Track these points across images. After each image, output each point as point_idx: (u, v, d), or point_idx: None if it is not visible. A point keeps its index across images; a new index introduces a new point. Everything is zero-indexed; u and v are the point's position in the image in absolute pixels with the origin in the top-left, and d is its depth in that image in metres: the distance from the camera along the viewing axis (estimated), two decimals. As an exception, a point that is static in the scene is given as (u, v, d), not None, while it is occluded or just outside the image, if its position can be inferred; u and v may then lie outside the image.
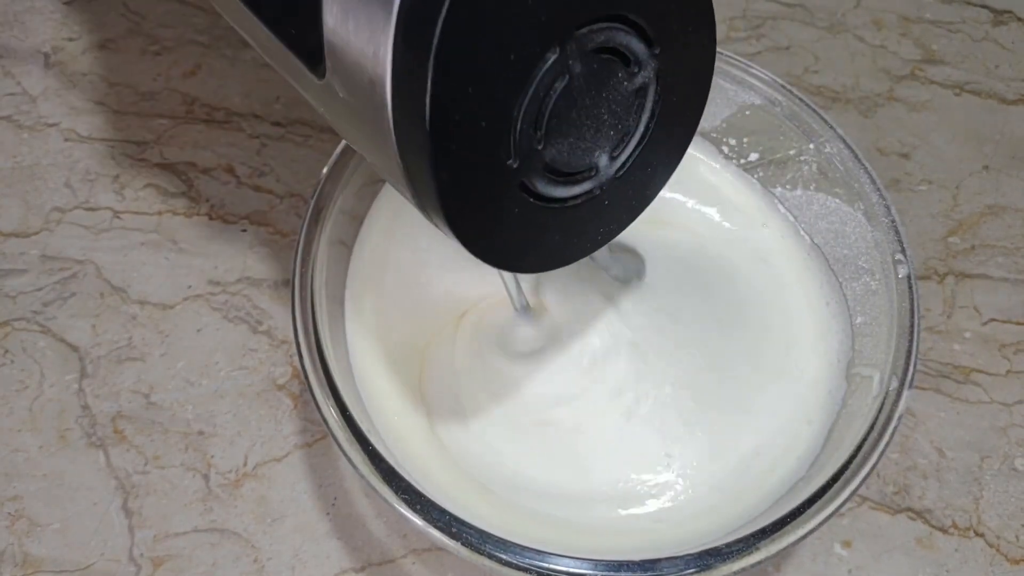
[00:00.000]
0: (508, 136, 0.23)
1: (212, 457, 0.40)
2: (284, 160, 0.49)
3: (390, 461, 0.30)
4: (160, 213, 0.47)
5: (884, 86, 0.54)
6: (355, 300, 0.38)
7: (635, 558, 0.28)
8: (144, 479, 0.39)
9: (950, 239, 0.48)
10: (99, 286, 0.45)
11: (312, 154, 0.49)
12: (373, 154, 0.25)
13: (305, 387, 0.39)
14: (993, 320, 0.45)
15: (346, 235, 0.38)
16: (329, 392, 0.32)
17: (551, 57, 0.22)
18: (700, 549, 0.29)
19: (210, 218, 0.47)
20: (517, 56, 0.22)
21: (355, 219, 0.39)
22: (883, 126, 0.52)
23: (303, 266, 0.34)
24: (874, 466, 0.31)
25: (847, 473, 0.30)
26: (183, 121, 0.50)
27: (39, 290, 0.44)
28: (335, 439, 0.31)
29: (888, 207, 0.37)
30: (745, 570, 0.29)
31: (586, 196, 0.27)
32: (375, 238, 0.39)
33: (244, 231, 0.47)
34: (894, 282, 0.35)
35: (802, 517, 0.29)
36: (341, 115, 0.25)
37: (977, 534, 0.39)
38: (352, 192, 0.37)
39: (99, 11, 0.54)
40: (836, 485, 0.30)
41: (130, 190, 0.48)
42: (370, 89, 0.22)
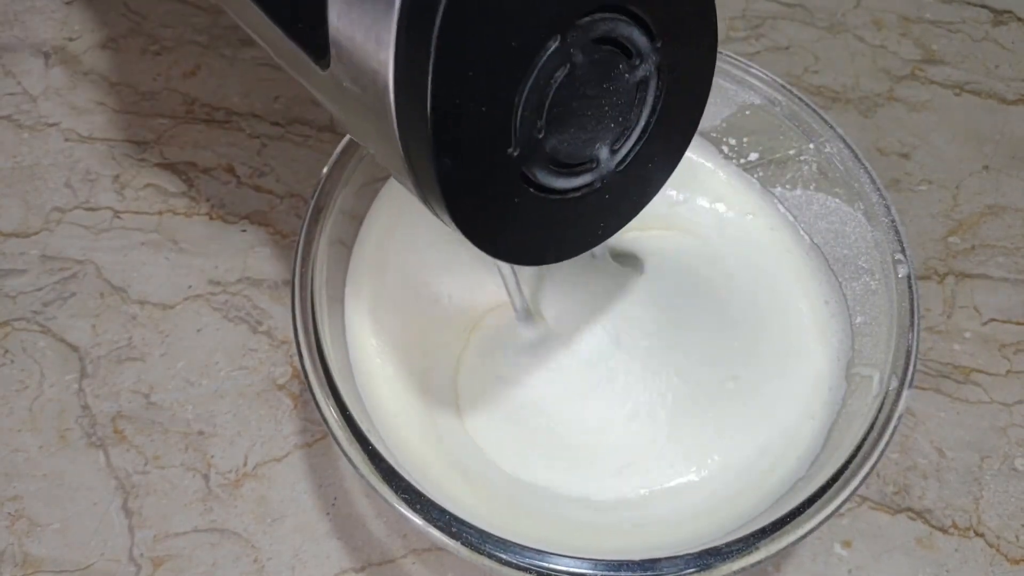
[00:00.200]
0: (509, 124, 0.23)
1: (212, 457, 0.40)
2: (284, 160, 0.49)
3: (390, 461, 0.30)
4: (160, 213, 0.47)
5: (884, 86, 0.54)
6: (355, 300, 0.38)
7: (635, 557, 0.28)
8: (144, 479, 0.39)
9: (950, 239, 0.48)
10: (99, 286, 0.45)
11: (312, 154, 0.49)
12: (376, 143, 0.25)
13: (305, 387, 0.39)
14: (993, 320, 0.45)
15: (346, 235, 0.38)
16: (329, 392, 0.32)
17: (552, 45, 0.23)
18: (700, 548, 0.29)
19: (210, 218, 0.47)
20: (518, 43, 0.22)
21: (355, 219, 0.39)
22: (883, 126, 0.52)
23: (303, 266, 0.34)
24: (874, 466, 0.31)
25: (847, 473, 0.30)
26: (183, 121, 0.50)
27: (39, 290, 0.44)
28: (335, 439, 0.31)
29: (888, 207, 0.37)
30: (745, 570, 0.29)
31: (587, 188, 0.27)
32: (375, 238, 0.39)
33: (244, 231, 0.47)
34: (894, 282, 0.35)
35: (802, 517, 0.29)
36: (345, 105, 0.25)
37: (977, 534, 0.39)
38: (352, 192, 0.37)
39: (99, 11, 0.54)
40: (836, 485, 0.30)
41: (130, 190, 0.48)
42: (373, 77, 0.22)
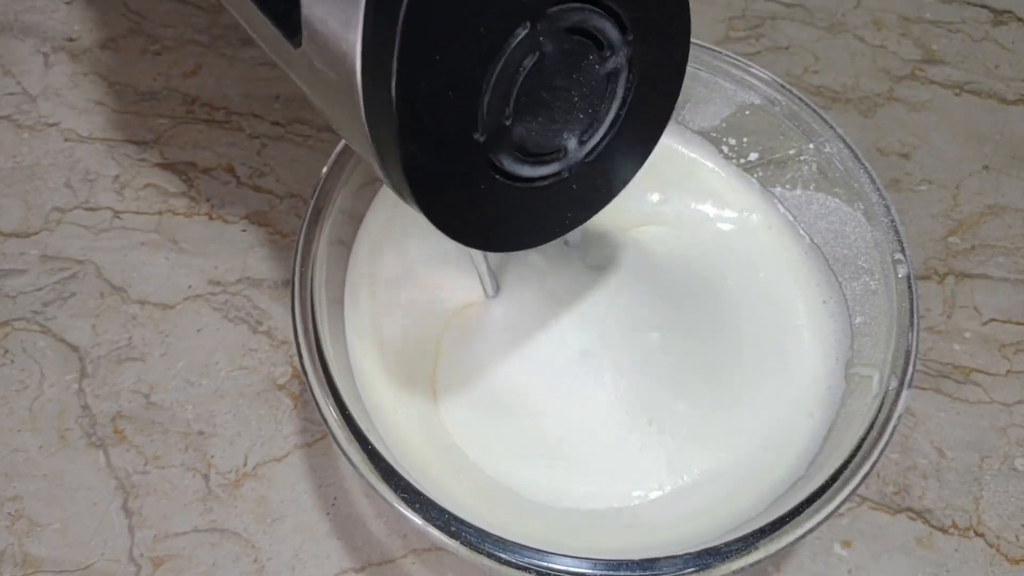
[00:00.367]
0: (476, 109, 0.23)
1: (212, 457, 0.40)
2: (284, 160, 0.49)
3: (389, 460, 0.30)
4: (160, 213, 0.47)
5: (884, 86, 0.54)
6: (354, 299, 0.38)
7: (634, 557, 0.28)
8: (144, 479, 0.39)
9: (950, 239, 0.48)
10: (99, 286, 0.45)
11: (312, 154, 0.49)
12: (344, 126, 0.25)
13: (305, 387, 0.40)
14: (993, 320, 0.45)
15: (345, 235, 0.38)
16: (328, 391, 0.32)
17: (521, 32, 0.23)
18: (699, 548, 0.29)
19: (210, 218, 0.47)
20: (487, 29, 0.22)
21: (354, 219, 0.39)
22: (883, 126, 0.52)
23: (303, 266, 0.34)
24: (873, 466, 0.31)
25: (846, 473, 0.30)
26: (183, 121, 0.50)
27: (39, 290, 0.44)
28: (334, 438, 0.31)
29: (888, 207, 0.37)
30: (744, 569, 0.29)
31: (554, 178, 0.27)
32: (373, 237, 0.39)
33: (244, 231, 0.47)
34: (893, 282, 0.35)
35: (801, 516, 0.29)
36: (316, 86, 0.25)
37: (977, 534, 0.39)
38: (351, 192, 0.37)
39: (99, 11, 0.55)
40: (835, 485, 0.30)
41: (130, 190, 0.48)
42: (342, 58, 0.22)
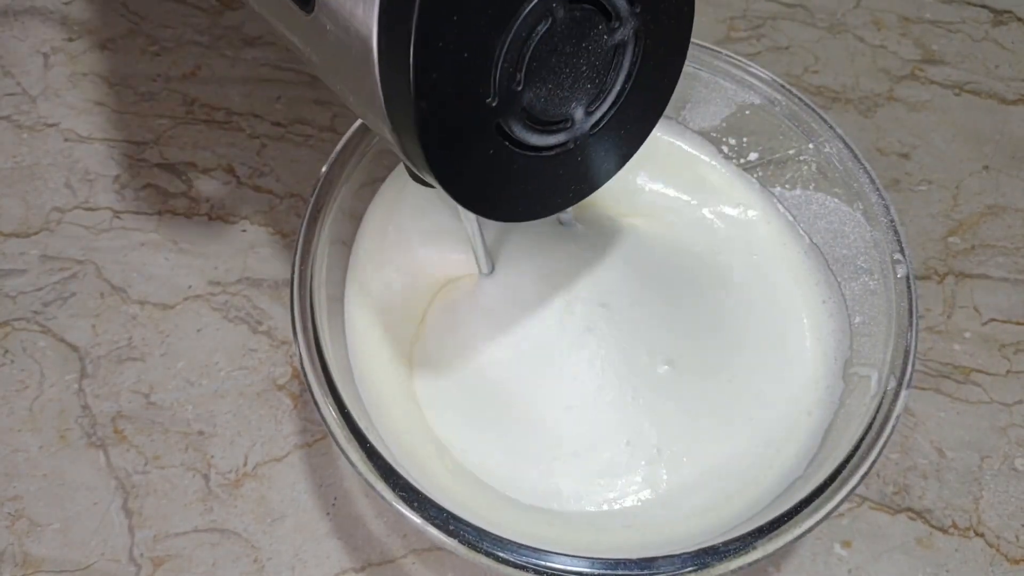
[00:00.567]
0: (489, 73, 0.23)
1: (212, 457, 0.40)
2: (284, 160, 0.49)
3: (388, 459, 0.30)
4: (160, 213, 0.47)
5: (884, 86, 0.54)
6: (354, 299, 0.38)
7: (632, 556, 0.28)
8: (144, 479, 0.39)
9: (950, 239, 0.48)
10: (99, 286, 0.45)
11: (312, 154, 0.49)
12: (355, 90, 0.25)
13: (305, 387, 0.40)
14: (993, 320, 0.45)
15: (345, 234, 0.38)
16: (328, 390, 0.32)
17: None
18: (697, 547, 0.29)
19: (210, 218, 0.47)
20: None
21: (354, 218, 0.39)
22: (883, 126, 0.52)
23: (302, 265, 0.34)
24: (872, 465, 0.31)
25: (844, 472, 0.30)
26: (183, 121, 0.50)
27: (39, 290, 0.44)
28: (333, 437, 0.31)
29: (887, 207, 0.37)
30: (742, 568, 0.29)
31: (560, 148, 0.27)
32: (373, 236, 0.39)
33: (244, 231, 0.47)
34: (893, 282, 0.35)
35: (799, 516, 0.29)
36: (326, 52, 0.25)
37: (977, 534, 0.39)
38: (351, 191, 0.37)
39: (99, 11, 0.55)
40: (834, 484, 0.30)
41: (130, 190, 0.48)
42: (358, 20, 0.22)
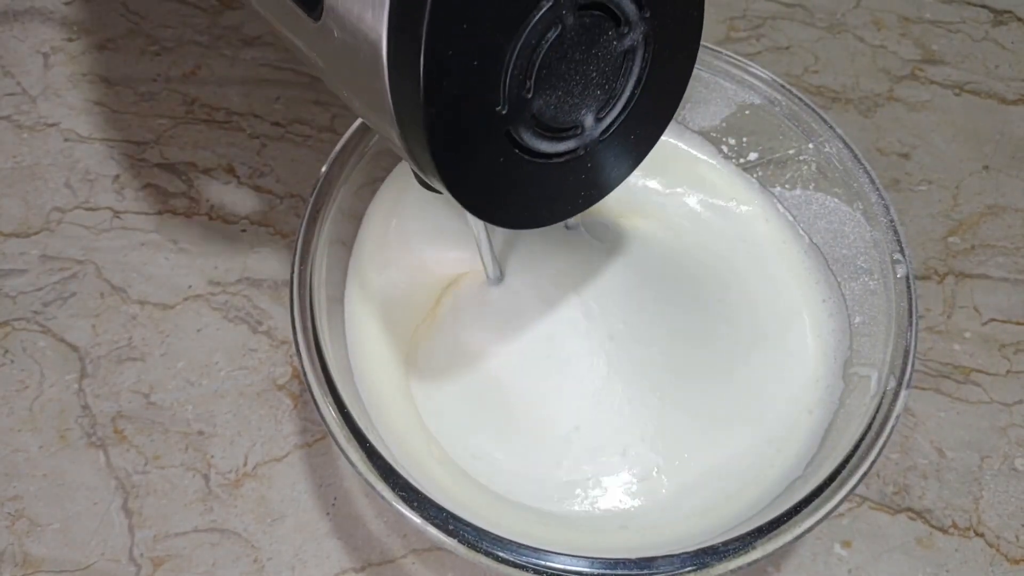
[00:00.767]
0: (499, 80, 0.23)
1: (212, 457, 0.40)
2: (284, 160, 0.49)
3: (388, 459, 0.30)
4: (160, 213, 0.47)
5: (884, 86, 0.54)
6: (354, 299, 0.38)
7: (632, 556, 0.28)
8: (144, 479, 0.39)
9: (950, 239, 0.48)
10: (99, 286, 0.45)
11: (312, 154, 0.49)
12: (363, 96, 0.25)
13: (305, 387, 0.40)
14: (993, 320, 0.45)
15: (345, 234, 0.38)
16: (327, 389, 0.32)
17: (545, 5, 0.23)
18: (697, 547, 0.29)
19: (210, 218, 0.47)
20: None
21: (354, 218, 0.39)
22: (883, 126, 0.52)
23: (302, 265, 0.34)
24: (871, 465, 0.31)
25: (844, 472, 0.30)
26: (183, 121, 0.50)
27: (39, 290, 0.44)
28: (333, 437, 0.31)
29: (887, 207, 0.37)
30: (742, 568, 0.29)
31: (570, 155, 0.27)
32: (373, 237, 0.39)
33: (244, 231, 0.47)
34: (892, 282, 0.35)
35: (799, 516, 0.29)
36: (333, 58, 0.25)
37: (977, 534, 0.39)
38: (351, 191, 0.37)
39: (99, 11, 0.55)
40: (833, 484, 0.30)
41: (130, 190, 0.48)
42: (367, 26, 0.22)
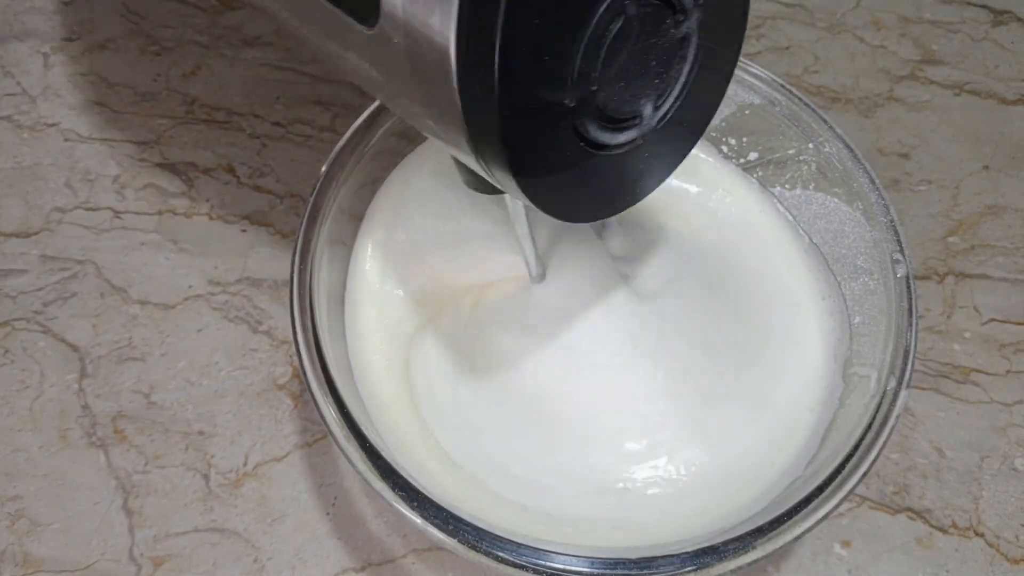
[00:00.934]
0: (568, 74, 0.24)
1: (212, 457, 0.40)
2: (284, 160, 0.49)
3: (388, 458, 0.30)
4: (160, 213, 0.47)
5: (884, 86, 0.54)
6: (354, 298, 0.38)
7: (632, 556, 0.28)
8: (144, 479, 0.39)
9: (950, 239, 0.48)
10: (99, 286, 0.45)
11: (312, 154, 0.49)
12: (424, 101, 0.25)
13: (305, 387, 0.40)
14: (993, 320, 0.45)
15: (345, 234, 0.38)
16: (327, 389, 0.32)
17: None
18: (696, 547, 0.29)
19: (210, 218, 0.47)
20: None
21: (354, 218, 0.39)
22: (883, 126, 0.52)
23: (302, 265, 0.34)
24: (871, 465, 0.31)
25: (844, 472, 0.30)
26: (183, 121, 0.50)
27: (39, 290, 0.44)
28: (333, 437, 0.31)
29: (887, 207, 0.37)
30: (742, 568, 0.29)
31: (630, 144, 0.27)
32: (373, 237, 0.39)
33: (244, 231, 0.47)
34: (892, 282, 0.35)
35: (798, 516, 0.29)
36: (390, 65, 0.25)
37: (977, 534, 0.39)
38: (351, 191, 0.37)
39: (99, 11, 0.55)
40: (833, 484, 0.30)
41: (130, 190, 0.48)
42: (432, 28, 0.22)
